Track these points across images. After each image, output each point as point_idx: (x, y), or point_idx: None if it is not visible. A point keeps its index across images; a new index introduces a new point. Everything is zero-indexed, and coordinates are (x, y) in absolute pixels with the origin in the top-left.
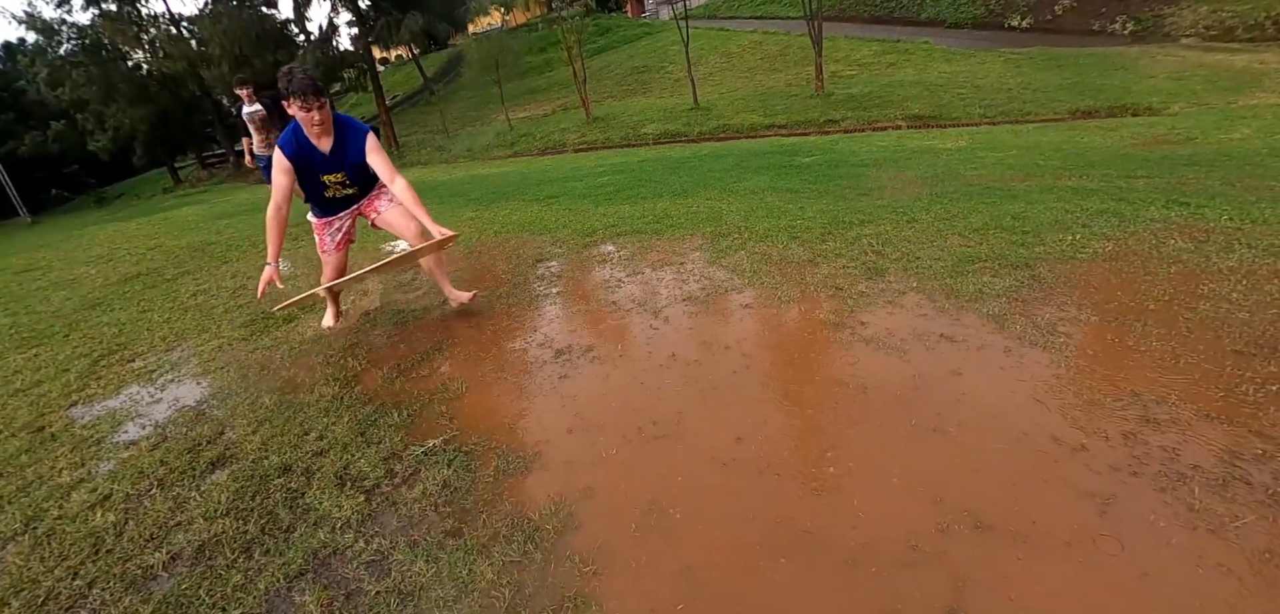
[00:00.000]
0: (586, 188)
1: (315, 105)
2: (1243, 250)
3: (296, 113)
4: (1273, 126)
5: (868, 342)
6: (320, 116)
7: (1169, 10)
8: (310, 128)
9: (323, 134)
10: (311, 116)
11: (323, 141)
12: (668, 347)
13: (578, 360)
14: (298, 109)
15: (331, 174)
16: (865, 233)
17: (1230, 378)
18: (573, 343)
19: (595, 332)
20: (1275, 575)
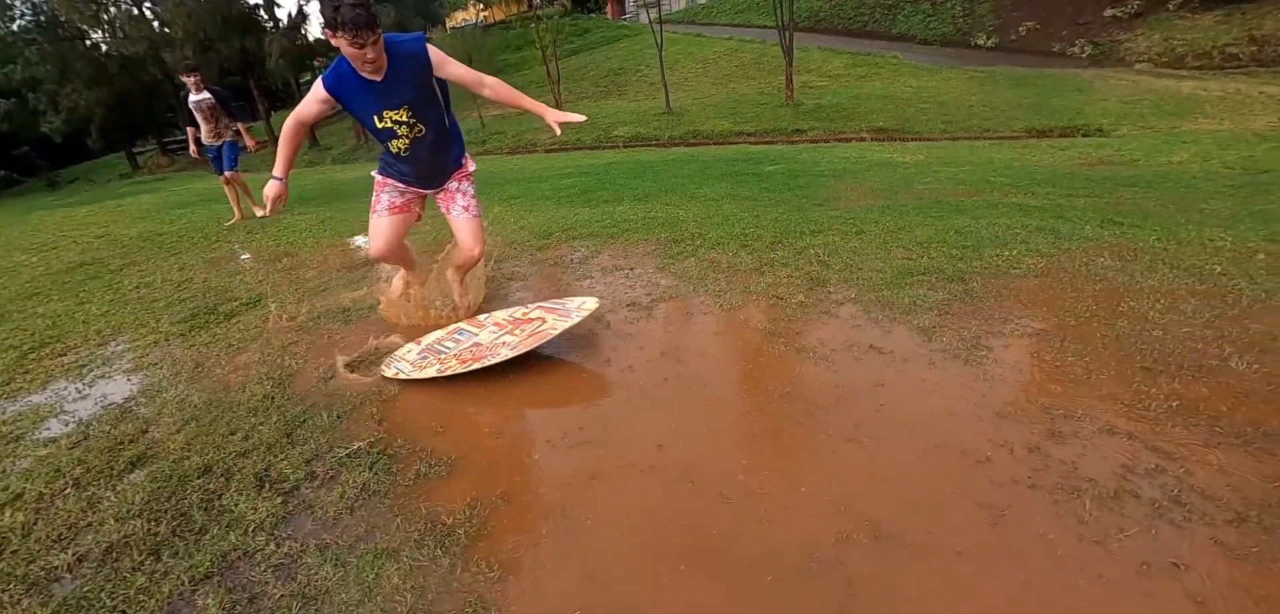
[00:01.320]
0: (551, 189)
1: (369, 41)
2: (1165, 270)
3: (344, 46)
4: (1209, 151)
5: (799, 351)
6: (373, 54)
7: (1125, 36)
8: (362, 64)
9: (375, 71)
10: (363, 54)
11: (372, 73)
12: (605, 352)
13: (514, 365)
14: (346, 45)
15: (391, 110)
16: (814, 243)
17: (1136, 394)
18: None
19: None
20: (1149, 586)
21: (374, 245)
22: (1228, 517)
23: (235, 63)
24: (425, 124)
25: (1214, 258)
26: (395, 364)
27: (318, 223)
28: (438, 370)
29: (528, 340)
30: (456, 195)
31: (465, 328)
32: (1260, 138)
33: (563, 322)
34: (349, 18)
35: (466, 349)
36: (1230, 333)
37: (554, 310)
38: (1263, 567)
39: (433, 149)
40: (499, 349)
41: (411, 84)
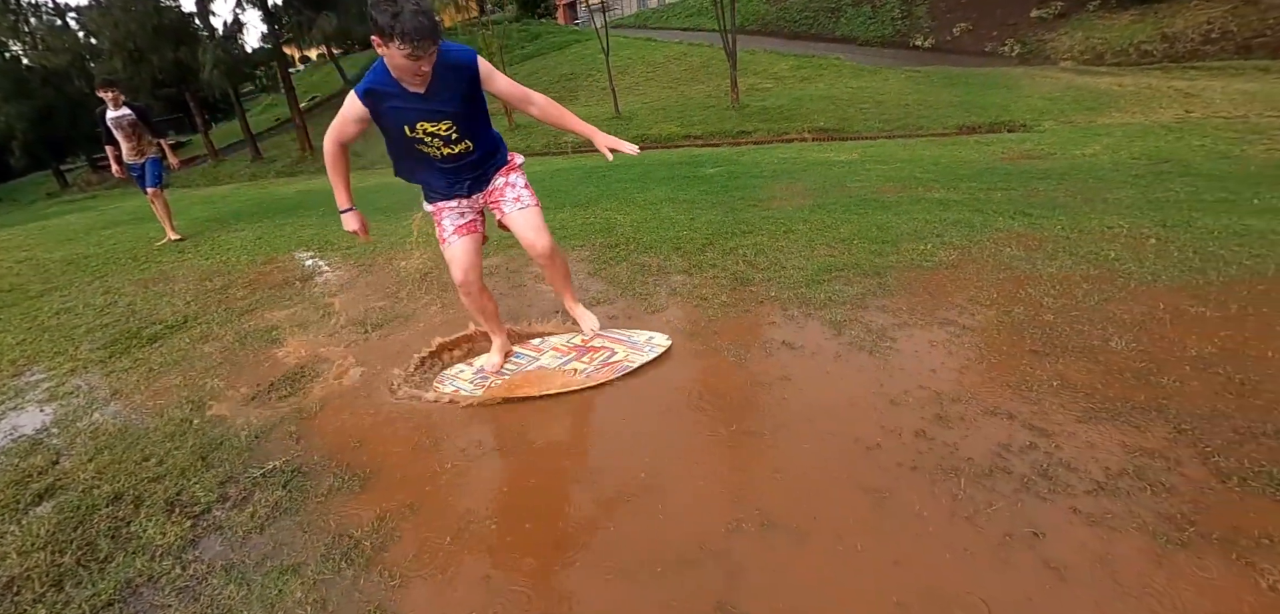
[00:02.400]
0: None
1: (429, 53)
2: (1064, 258)
3: (396, 58)
4: (1120, 143)
5: (715, 351)
6: (428, 67)
7: (1050, 36)
8: (412, 77)
9: (423, 82)
10: (418, 66)
11: (416, 83)
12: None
13: (438, 379)
14: (400, 54)
15: (432, 122)
16: (744, 244)
17: (1021, 376)
18: (438, 361)
19: (461, 349)
20: (1008, 556)
21: (456, 275)
22: (1088, 487)
23: (169, 74)
24: (472, 140)
25: (1110, 244)
26: (451, 383)
27: (253, 240)
28: (505, 393)
29: (601, 370)
30: (505, 191)
31: (523, 352)
32: (1166, 129)
33: (637, 355)
34: (412, 28)
35: (531, 372)
36: (1115, 315)
37: (620, 341)
38: (1112, 531)
39: (475, 163)
40: (574, 377)
41: (458, 97)
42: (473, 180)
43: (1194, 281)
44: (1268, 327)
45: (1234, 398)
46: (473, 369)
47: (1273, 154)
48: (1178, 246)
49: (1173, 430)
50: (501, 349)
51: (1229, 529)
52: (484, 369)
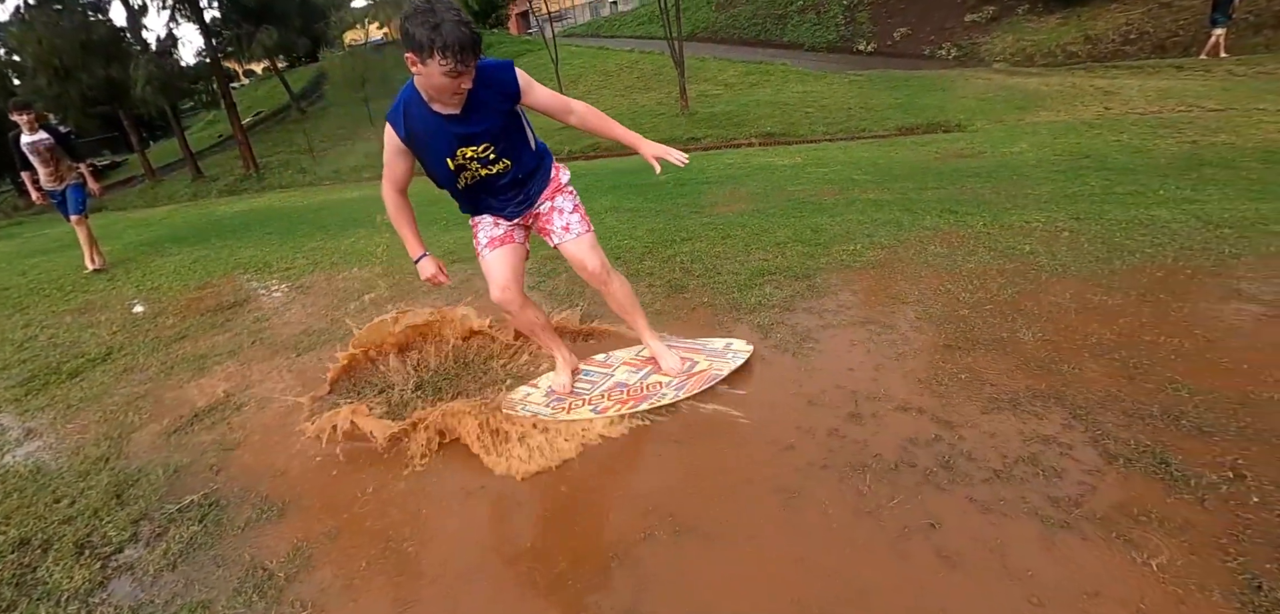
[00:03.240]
0: (439, 212)
1: (469, 70)
2: (984, 253)
3: (434, 77)
4: (1045, 141)
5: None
6: (469, 83)
7: (983, 39)
8: (448, 96)
9: (460, 101)
10: (459, 82)
11: (452, 105)
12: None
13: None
14: (440, 71)
15: (469, 146)
16: (682, 250)
17: (933, 371)
18: (367, 383)
19: (392, 372)
20: (905, 548)
21: (493, 290)
22: (985, 476)
23: (100, 92)
24: (511, 159)
25: (1027, 238)
26: (524, 407)
27: (188, 264)
28: (591, 412)
29: (692, 383)
30: (552, 218)
31: (591, 368)
32: (1087, 125)
33: (721, 364)
34: (454, 39)
35: (611, 389)
36: (1025, 307)
37: (696, 351)
38: (1004, 517)
39: (516, 181)
40: (660, 390)
41: (496, 113)
42: (516, 201)
43: (1100, 271)
44: (1162, 311)
45: (1126, 382)
46: (542, 391)
47: (1181, 147)
48: (1088, 238)
49: (1068, 416)
50: (568, 365)
51: (1112, 509)
52: (554, 390)
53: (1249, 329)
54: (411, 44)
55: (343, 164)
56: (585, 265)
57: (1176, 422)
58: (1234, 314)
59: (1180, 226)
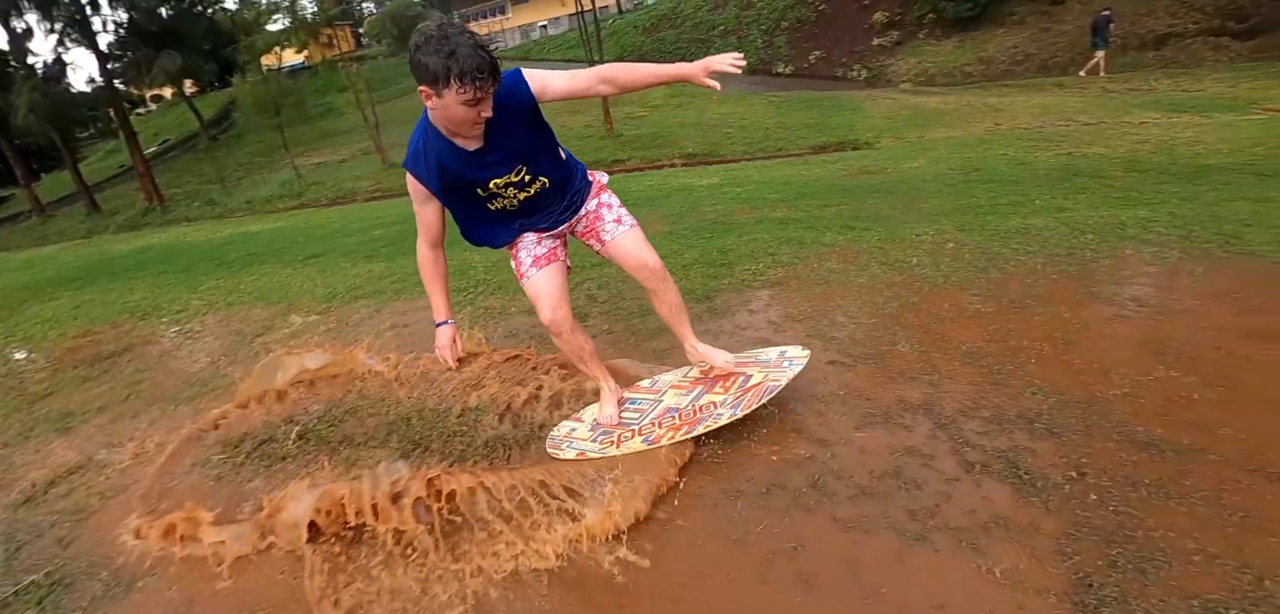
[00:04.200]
0: (356, 243)
1: (489, 96)
2: (875, 268)
3: (452, 109)
4: (941, 156)
5: (537, 399)
6: (489, 110)
7: (891, 61)
8: (469, 128)
9: (480, 131)
10: (479, 111)
11: (473, 138)
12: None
13: (237, 457)
14: (458, 101)
15: (499, 176)
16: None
17: (812, 388)
18: (243, 434)
19: (267, 422)
20: (768, 573)
21: (543, 312)
22: (851, 493)
23: None
24: (547, 175)
25: (915, 251)
26: (569, 445)
27: (70, 309)
28: (644, 443)
29: (748, 398)
30: (601, 214)
31: (637, 396)
32: (979, 140)
33: (778, 374)
34: (470, 66)
35: (661, 415)
36: (907, 319)
37: (748, 362)
38: (864, 534)
39: (552, 192)
40: (714, 411)
41: (519, 131)
42: (562, 210)
43: (977, 281)
44: (1028, 317)
45: (991, 388)
46: (587, 425)
47: (1058, 158)
48: (970, 249)
49: (934, 426)
50: (614, 395)
51: (965, 518)
52: (601, 423)
53: (1102, 329)
54: (424, 76)
55: (256, 194)
56: (646, 262)
57: (1031, 425)
58: (1089, 315)
59: (1051, 234)
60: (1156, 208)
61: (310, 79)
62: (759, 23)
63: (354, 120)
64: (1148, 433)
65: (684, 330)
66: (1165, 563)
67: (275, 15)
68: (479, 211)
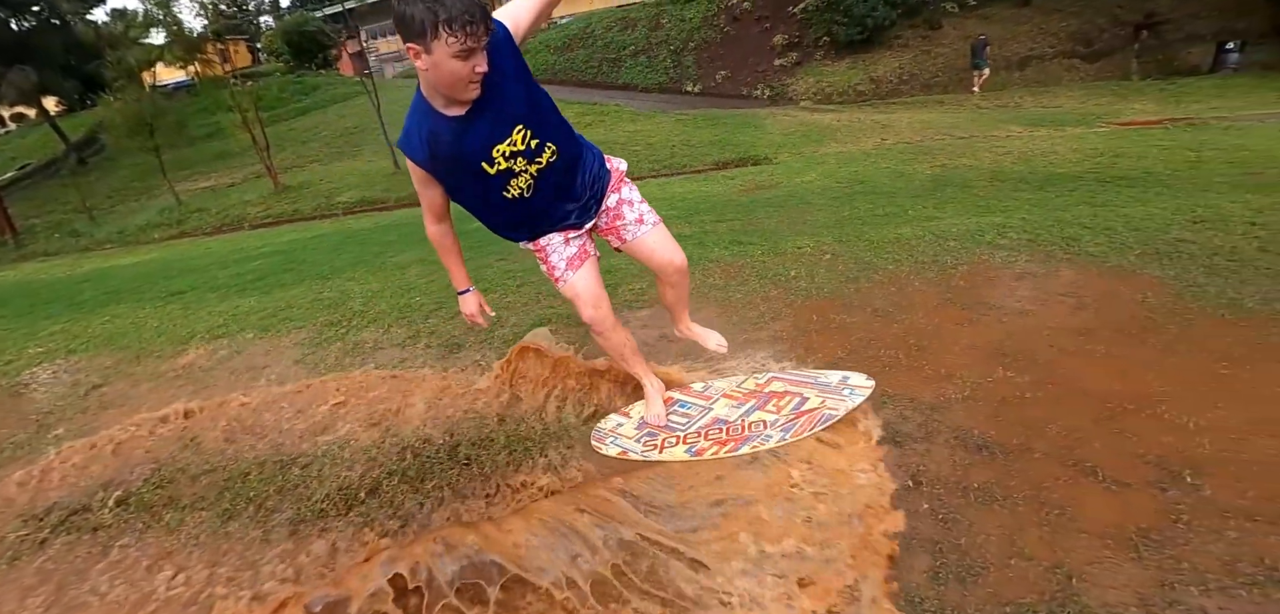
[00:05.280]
0: (230, 276)
1: (481, 41)
2: (754, 282)
3: (444, 64)
4: (832, 170)
5: (392, 436)
6: (485, 66)
7: (790, 80)
8: (465, 86)
9: (475, 87)
10: (474, 66)
11: (469, 98)
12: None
13: (40, 532)
14: (449, 53)
15: (502, 141)
16: None
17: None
18: (51, 503)
19: (83, 487)
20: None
21: (585, 310)
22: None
23: None
24: (555, 142)
25: (794, 264)
26: (614, 441)
27: None
28: (686, 452)
29: (800, 424)
30: (623, 210)
31: (687, 399)
32: (866, 155)
33: (836, 402)
34: (458, 9)
35: (708, 426)
36: (777, 331)
37: (806, 383)
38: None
39: (566, 168)
40: (763, 431)
41: (512, 84)
42: (586, 201)
43: (847, 291)
44: (888, 325)
45: None
46: (633, 423)
47: (933, 170)
48: (845, 260)
49: None
50: (659, 393)
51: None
52: (647, 422)
53: (953, 333)
54: (410, 29)
55: (129, 224)
56: (672, 259)
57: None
58: (942, 320)
59: (919, 242)
60: (1011, 215)
61: (197, 97)
62: (668, 43)
63: (230, 144)
64: (982, 435)
65: (682, 312)
66: (984, 569)
67: (150, 28)
68: (494, 199)
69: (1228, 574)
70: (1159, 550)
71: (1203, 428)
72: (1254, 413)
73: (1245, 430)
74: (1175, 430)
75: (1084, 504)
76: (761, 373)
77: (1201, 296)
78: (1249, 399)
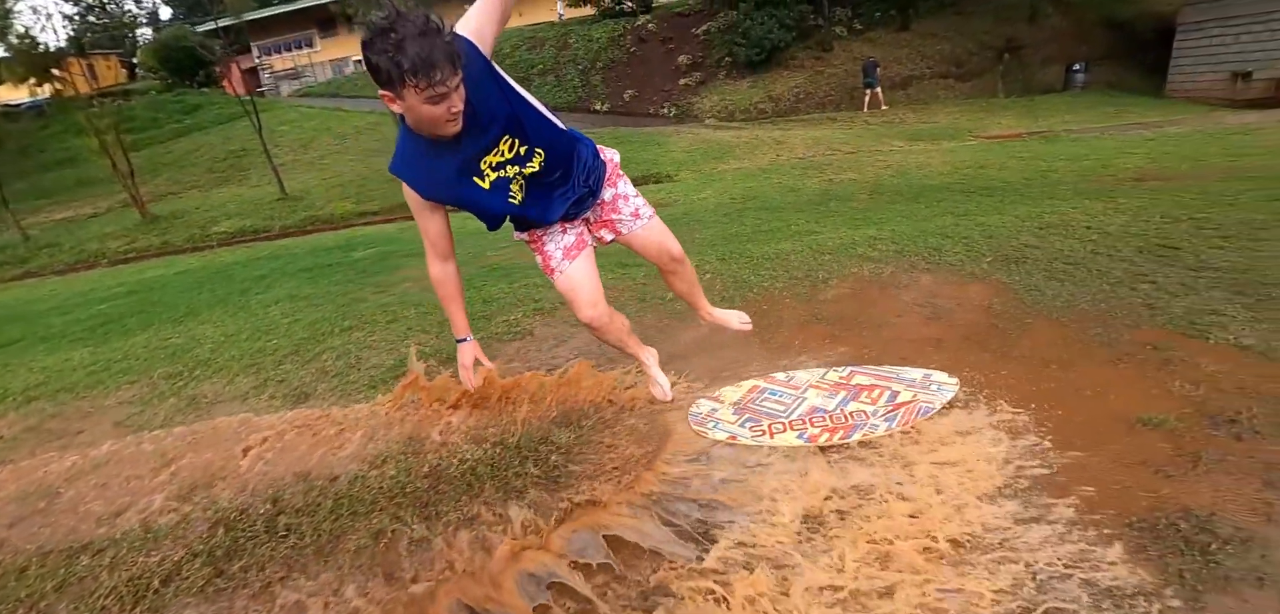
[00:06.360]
0: (67, 324)
1: (452, 83)
2: (632, 306)
3: (417, 107)
4: (728, 186)
5: (209, 513)
6: (460, 100)
7: (696, 99)
8: (445, 123)
9: (456, 121)
10: (448, 106)
11: (453, 128)
12: None
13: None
14: (420, 100)
15: (489, 154)
16: (333, 345)
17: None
18: None
19: None
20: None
21: (582, 309)
22: None
23: None
24: (543, 145)
25: None
26: (718, 426)
27: None
28: (797, 438)
29: (901, 414)
30: (618, 205)
31: (776, 388)
32: (761, 171)
33: (928, 396)
34: (422, 56)
35: (808, 414)
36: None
37: (889, 379)
38: None
39: (558, 167)
40: (867, 421)
41: (487, 97)
42: (580, 195)
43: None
44: (750, 346)
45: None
46: (727, 406)
47: (820, 184)
48: (724, 278)
49: None
50: (655, 361)
51: None
52: (656, 398)
53: (814, 349)
54: (378, 78)
55: None
56: (668, 250)
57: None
58: (808, 337)
59: (797, 258)
60: (883, 226)
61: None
62: (576, 62)
63: (89, 171)
64: None
65: (699, 300)
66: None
67: None
68: (491, 206)
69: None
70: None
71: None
72: (1072, 414)
73: (1069, 435)
74: None
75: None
76: (841, 367)
77: (1041, 300)
78: (1070, 403)
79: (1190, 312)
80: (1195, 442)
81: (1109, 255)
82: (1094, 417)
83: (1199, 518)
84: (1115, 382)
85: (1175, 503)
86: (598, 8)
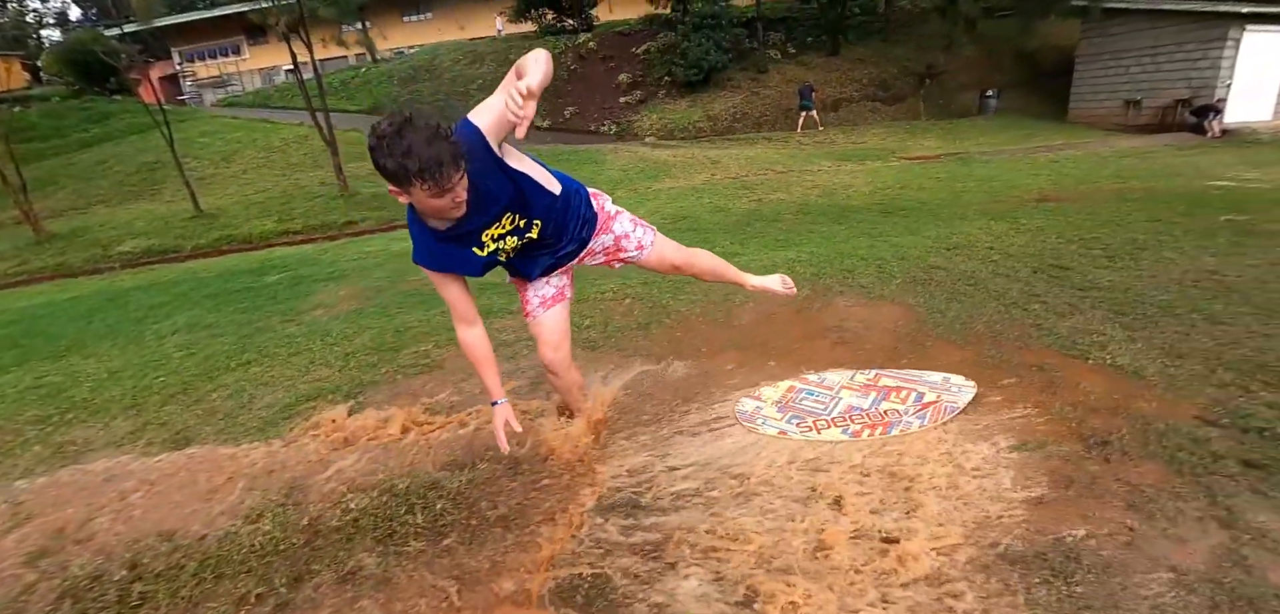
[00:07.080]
0: None
1: (457, 182)
2: None
3: (423, 202)
4: (662, 205)
5: (58, 581)
6: (463, 194)
7: (636, 117)
8: (451, 212)
9: (460, 208)
10: (454, 200)
11: (457, 214)
12: None
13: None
14: (427, 197)
15: (492, 227)
16: (228, 380)
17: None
18: None
19: None
20: None
21: (545, 350)
22: None
23: None
24: (541, 216)
25: (592, 312)
26: (767, 423)
27: None
28: (841, 434)
29: (930, 412)
30: (622, 245)
31: (812, 388)
32: (695, 190)
33: (951, 396)
34: (429, 160)
35: (846, 412)
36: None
37: (914, 382)
38: None
39: (555, 231)
40: (902, 418)
41: (493, 180)
42: (567, 249)
43: (634, 341)
44: (659, 379)
45: (609, 459)
46: (768, 403)
47: (749, 205)
48: (642, 305)
49: None
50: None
51: None
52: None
53: (721, 378)
54: (386, 177)
55: None
56: (674, 262)
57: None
58: (720, 365)
59: (715, 284)
60: (803, 248)
61: None
62: None
63: (31, 174)
64: None
65: (734, 276)
66: None
67: None
68: (484, 264)
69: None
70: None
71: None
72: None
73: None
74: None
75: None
76: (867, 370)
77: (941, 323)
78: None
79: (1074, 331)
80: (1068, 466)
81: (1007, 276)
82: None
83: (1067, 545)
84: (1002, 406)
85: (1048, 531)
86: (539, 25)
